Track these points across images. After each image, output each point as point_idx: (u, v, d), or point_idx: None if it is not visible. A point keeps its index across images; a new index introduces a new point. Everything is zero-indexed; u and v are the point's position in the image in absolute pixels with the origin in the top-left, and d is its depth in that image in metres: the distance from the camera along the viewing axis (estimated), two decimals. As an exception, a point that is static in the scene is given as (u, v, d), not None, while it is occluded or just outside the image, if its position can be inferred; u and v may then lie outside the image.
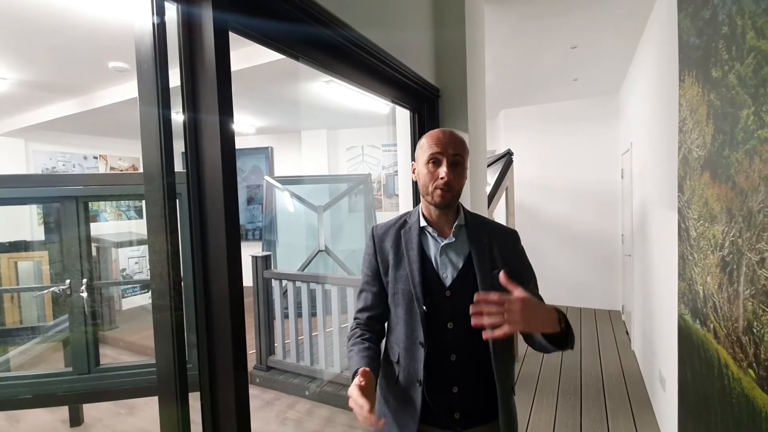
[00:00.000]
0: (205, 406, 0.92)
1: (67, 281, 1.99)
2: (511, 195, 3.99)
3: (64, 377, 1.96)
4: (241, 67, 2.81)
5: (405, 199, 2.22)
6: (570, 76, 4.07)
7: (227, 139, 0.88)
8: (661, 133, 2.29)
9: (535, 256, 1.25)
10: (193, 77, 0.88)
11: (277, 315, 3.37)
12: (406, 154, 2.17)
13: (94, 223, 5.02)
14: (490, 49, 2.96)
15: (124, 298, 4.99)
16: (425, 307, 1.02)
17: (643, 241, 3.04)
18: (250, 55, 2.78)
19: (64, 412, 2.80)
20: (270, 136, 6.32)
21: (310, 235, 5.00)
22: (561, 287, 5.10)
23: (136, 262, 5.30)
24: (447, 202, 1.03)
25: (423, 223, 1.09)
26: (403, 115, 2.16)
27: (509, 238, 1.11)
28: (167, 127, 0.83)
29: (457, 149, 1.02)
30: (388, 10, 1.76)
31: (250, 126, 5.51)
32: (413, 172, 1.10)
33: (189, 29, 0.88)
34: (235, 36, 0.97)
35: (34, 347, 2.64)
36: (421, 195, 1.09)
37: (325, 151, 6.03)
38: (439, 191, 1.01)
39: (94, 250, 3.92)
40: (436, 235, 1.07)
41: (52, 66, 2.86)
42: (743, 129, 1.09)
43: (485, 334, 0.82)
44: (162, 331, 0.86)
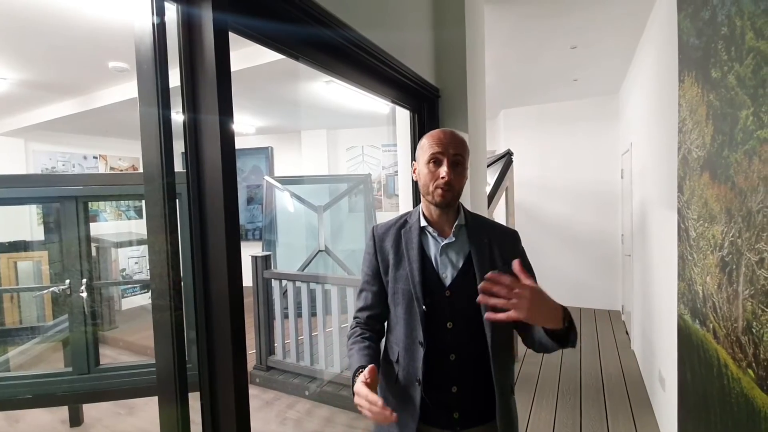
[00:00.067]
0: (205, 406, 0.92)
1: (67, 281, 1.99)
2: (510, 195, 3.99)
3: (64, 377, 1.96)
4: (241, 67, 2.81)
5: (405, 199, 2.22)
6: (570, 76, 4.07)
7: (227, 139, 0.88)
8: (660, 133, 2.29)
9: (535, 256, 1.25)
10: (193, 77, 0.88)
11: (277, 315, 3.37)
12: (406, 154, 2.17)
13: (93, 223, 5.02)
14: (490, 49, 2.96)
15: (123, 298, 4.99)
16: (425, 307, 1.02)
17: (643, 241, 3.04)
18: (250, 55, 2.78)
19: (63, 412, 2.80)
20: (270, 136, 6.32)
21: (310, 235, 5.00)
22: (561, 287, 5.10)
23: (136, 262, 5.30)
24: (447, 201, 1.03)
25: (423, 222, 1.09)
26: (403, 115, 2.16)
27: (509, 239, 1.11)
28: (167, 127, 0.83)
29: (457, 149, 1.02)
30: (388, 10, 1.76)
31: (250, 126, 5.51)
32: (414, 172, 1.11)
33: (189, 29, 0.88)
34: (235, 36, 0.97)
35: (34, 347, 2.64)
36: (421, 195, 1.09)
37: (325, 151, 6.03)
38: (439, 191, 1.02)
39: (94, 250, 3.92)
40: (436, 234, 1.07)
41: (52, 66, 2.86)
42: (742, 129, 1.10)
43: (487, 315, 0.83)
44: (162, 331, 0.86)
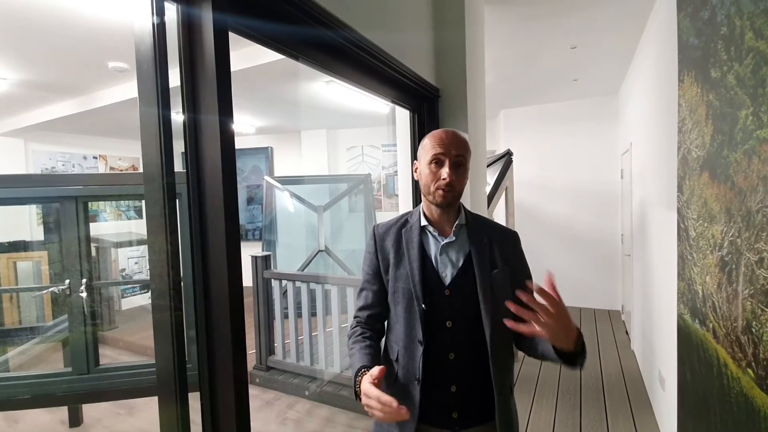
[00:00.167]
0: (205, 406, 0.92)
1: (67, 281, 1.98)
2: (510, 195, 3.99)
3: (64, 377, 1.95)
4: (241, 67, 2.81)
5: (405, 199, 2.22)
6: (570, 76, 4.07)
7: (227, 139, 0.88)
8: (660, 133, 2.29)
9: (535, 256, 1.25)
10: (193, 77, 0.88)
11: (276, 315, 3.37)
12: (406, 154, 2.17)
13: (93, 223, 5.02)
14: (490, 50, 2.96)
15: (123, 298, 4.99)
16: (424, 306, 1.02)
17: (643, 241, 3.04)
18: (250, 55, 2.78)
19: (63, 412, 2.80)
20: (270, 136, 6.32)
21: (310, 235, 4.99)
22: (561, 287, 4.96)
23: (136, 262, 5.30)
24: (448, 202, 1.03)
25: (424, 222, 1.09)
26: (403, 115, 2.16)
27: (509, 239, 1.12)
28: (167, 127, 0.83)
29: (459, 150, 1.02)
30: (388, 10, 1.76)
31: (250, 126, 5.51)
32: (415, 171, 1.11)
33: (189, 29, 0.88)
34: (235, 36, 0.97)
35: (34, 347, 2.64)
36: (422, 194, 1.09)
37: (325, 151, 6.03)
38: (440, 192, 1.02)
39: (94, 250, 3.92)
40: (436, 234, 1.08)
41: (51, 66, 2.86)
42: (742, 129, 1.10)
43: (508, 322, 0.84)
44: (162, 331, 0.86)
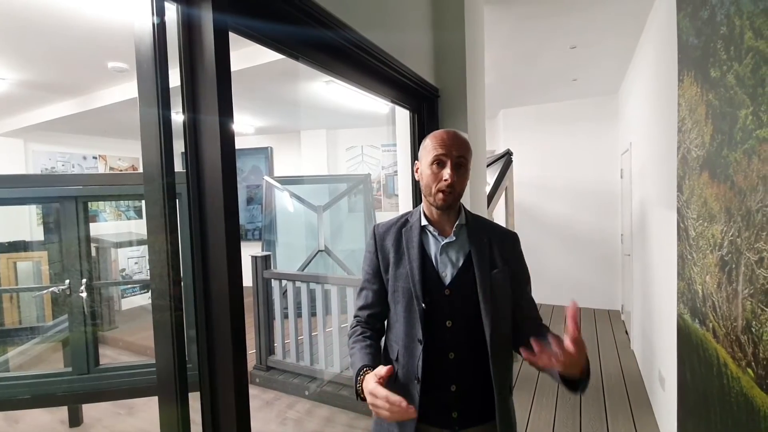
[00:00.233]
0: (205, 406, 0.92)
1: (67, 281, 1.98)
2: (510, 195, 3.99)
3: (64, 377, 1.95)
4: (241, 67, 2.81)
5: (404, 199, 2.22)
6: (569, 76, 4.07)
7: (227, 139, 0.88)
8: (660, 132, 2.29)
9: (534, 255, 1.25)
10: (193, 77, 0.88)
11: (276, 315, 3.37)
12: (406, 154, 2.17)
13: (93, 223, 5.02)
14: (489, 50, 2.96)
15: (123, 298, 4.99)
16: (424, 305, 1.02)
17: (643, 241, 3.04)
18: (250, 55, 2.78)
19: (63, 412, 2.80)
20: (269, 136, 6.32)
21: (309, 235, 5.00)
22: (561, 287, 5.10)
23: (136, 262, 5.30)
24: (448, 204, 1.03)
25: (424, 222, 1.09)
26: (403, 115, 2.16)
27: (509, 240, 1.12)
28: (167, 127, 0.83)
29: (460, 151, 1.03)
30: (388, 10, 1.76)
31: (249, 126, 5.51)
32: (416, 171, 1.11)
33: (189, 29, 0.88)
34: (235, 36, 0.97)
35: (34, 347, 2.64)
36: (423, 195, 1.09)
37: (325, 151, 6.03)
38: (441, 195, 1.02)
39: (94, 250, 3.92)
40: (437, 233, 1.08)
41: (51, 66, 2.86)
42: (742, 129, 1.10)
43: (525, 354, 0.85)
44: (162, 331, 0.86)
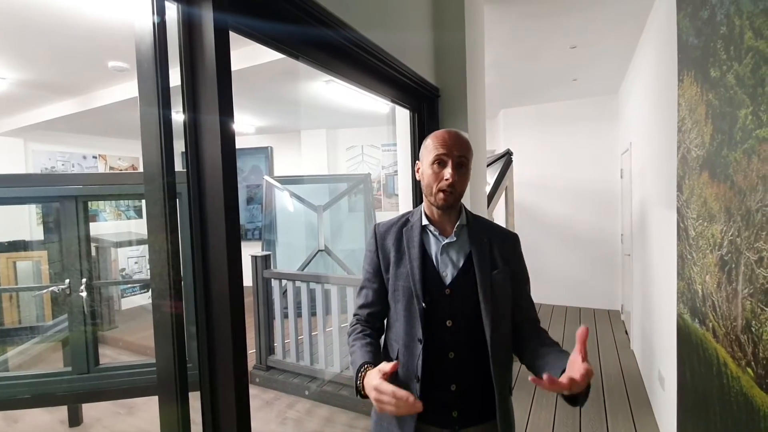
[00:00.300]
0: (205, 406, 0.92)
1: (67, 281, 1.98)
2: (510, 195, 3.99)
3: (63, 377, 1.95)
4: (241, 66, 2.81)
5: (405, 199, 2.22)
6: (569, 76, 4.07)
7: (227, 139, 0.88)
8: (660, 132, 2.29)
9: (534, 255, 1.26)
10: (193, 77, 0.88)
11: (276, 315, 3.37)
12: (406, 153, 2.17)
13: (93, 223, 5.02)
14: (489, 49, 2.96)
15: (123, 297, 4.99)
16: (424, 304, 1.02)
17: (643, 241, 3.04)
18: (250, 54, 2.78)
19: (63, 412, 2.80)
20: (270, 135, 6.32)
21: (309, 235, 5.00)
22: (561, 287, 5.11)
23: (136, 262, 5.30)
24: (449, 204, 1.04)
25: (425, 221, 1.09)
26: (403, 114, 2.16)
27: (509, 240, 1.12)
28: (167, 127, 0.83)
29: (462, 151, 1.03)
30: (388, 10, 1.76)
31: (249, 126, 5.51)
32: (417, 171, 1.11)
33: (189, 29, 0.88)
34: (235, 35, 0.97)
35: (33, 347, 2.64)
36: (424, 194, 1.09)
37: (325, 151, 6.03)
38: (441, 195, 1.02)
39: (94, 249, 3.92)
40: (437, 233, 1.08)
41: (51, 65, 2.86)
42: (741, 128, 1.10)
43: (532, 378, 0.83)
44: (162, 330, 0.86)
